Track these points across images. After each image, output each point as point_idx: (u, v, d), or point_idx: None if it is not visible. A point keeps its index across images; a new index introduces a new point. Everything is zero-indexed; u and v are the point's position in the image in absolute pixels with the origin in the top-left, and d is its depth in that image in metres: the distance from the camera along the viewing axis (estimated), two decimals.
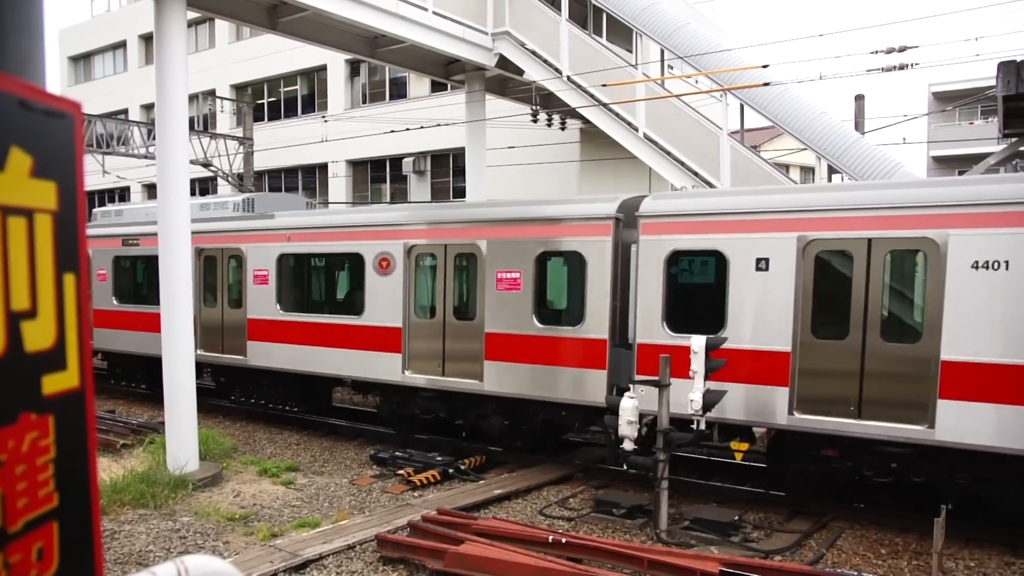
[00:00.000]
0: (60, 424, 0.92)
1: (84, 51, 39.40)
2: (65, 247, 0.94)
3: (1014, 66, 8.66)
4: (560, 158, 21.75)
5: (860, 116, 19.99)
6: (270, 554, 7.92)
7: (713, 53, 15.04)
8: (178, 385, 11.20)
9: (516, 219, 11.42)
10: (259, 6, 13.69)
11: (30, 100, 0.87)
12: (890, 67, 12.69)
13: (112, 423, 14.28)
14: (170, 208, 11.07)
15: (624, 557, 7.55)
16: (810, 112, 13.97)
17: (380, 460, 12.00)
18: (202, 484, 10.74)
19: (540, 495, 10.51)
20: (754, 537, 8.88)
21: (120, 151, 20.85)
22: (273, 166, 29.27)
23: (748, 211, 9.53)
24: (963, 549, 8.39)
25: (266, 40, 27.09)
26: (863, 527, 9.18)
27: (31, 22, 0.93)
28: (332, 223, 13.81)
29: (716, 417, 9.29)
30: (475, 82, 17.95)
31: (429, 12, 15.11)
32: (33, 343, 0.88)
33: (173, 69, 10.87)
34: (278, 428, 14.80)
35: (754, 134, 22.88)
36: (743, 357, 9.41)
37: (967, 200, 8.28)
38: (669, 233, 10.03)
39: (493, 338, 11.40)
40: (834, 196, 9.37)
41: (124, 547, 8.42)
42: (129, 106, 35.39)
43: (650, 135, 15.62)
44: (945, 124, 37.87)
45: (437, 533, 8.15)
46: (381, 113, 25.71)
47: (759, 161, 15.08)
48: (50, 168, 0.90)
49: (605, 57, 16.37)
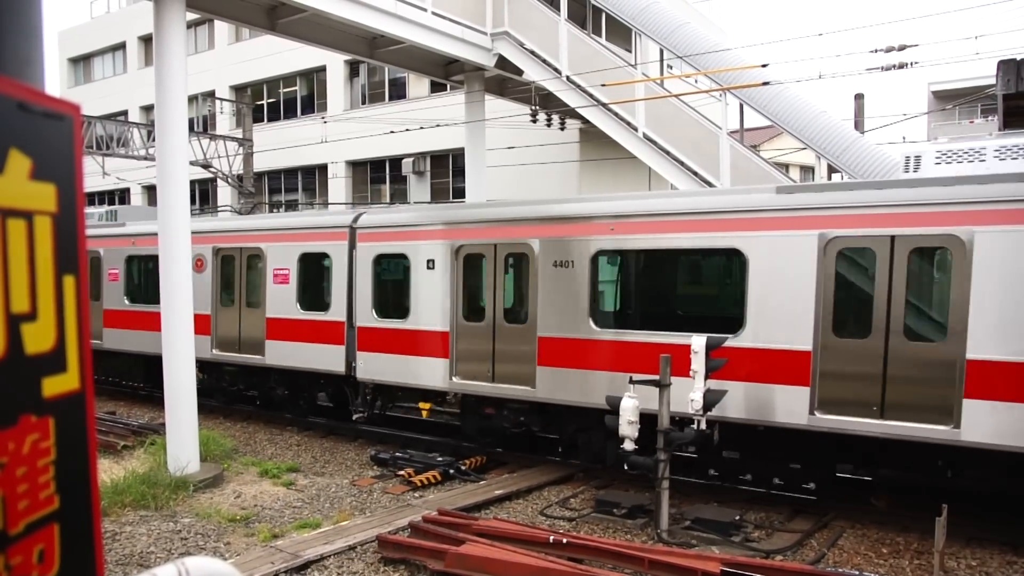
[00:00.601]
0: (60, 426, 0.92)
1: (84, 53, 39.41)
2: (65, 249, 0.94)
3: (1014, 64, 8.66)
4: (560, 158, 21.74)
5: (860, 115, 20.00)
6: (271, 555, 7.92)
7: (712, 52, 15.03)
8: (178, 386, 11.20)
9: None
10: (258, 7, 13.69)
11: (29, 102, 0.87)
12: (890, 66, 12.69)
13: (113, 424, 14.29)
14: (170, 210, 11.07)
15: (625, 557, 7.55)
16: (810, 111, 13.97)
17: (381, 461, 12.00)
18: (203, 485, 10.74)
19: (541, 495, 10.51)
20: (755, 537, 8.88)
21: (120, 153, 20.86)
22: (273, 167, 29.28)
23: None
24: (965, 548, 8.39)
25: (265, 41, 27.10)
26: (864, 526, 9.17)
27: (30, 24, 0.93)
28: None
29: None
30: (474, 82, 17.95)
31: (428, 12, 15.11)
32: (33, 345, 0.88)
33: (172, 70, 10.87)
34: (278, 429, 14.80)
35: (754, 133, 22.89)
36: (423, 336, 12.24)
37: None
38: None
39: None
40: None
41: (125, 548, 8.42)
42: (129, 108, 35.39)
43: (650, 135, 15.62)
44: (945, 123, 37.86)
45: (438, 534, 8.15)
46: (380, 114, 25.71)
47: (759, 160, 15.08)
48: (49, 170, 0.91)
49: (604, 57, 16.37)
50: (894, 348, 8.65)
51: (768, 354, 9.37)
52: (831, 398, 8.98)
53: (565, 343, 10.81)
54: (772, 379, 9.34)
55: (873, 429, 8.72)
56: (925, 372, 8.51)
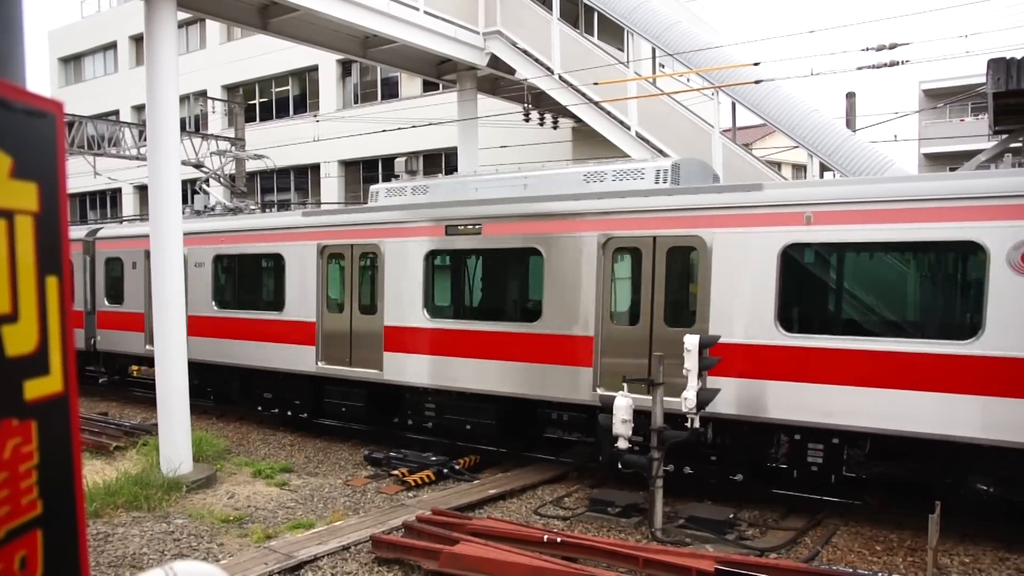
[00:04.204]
0: (43, 430, 0.90)
1: (74, 52, 39.24)
2: (47, 249, 0.92)
3: (1004, 63, 8.66)
4: (553, 157, 21.74)
5: (851, 113, 20.04)
6: (264, 556, 7.89)
7: (704, 51, 15.05)
8: (171, 387, 11.15)
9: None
10: (250, 6, 13.64)
11: (10, 99, 0.85)
12: (881, 64, 12.72)
13: (105, 425, 14.22)
14: (162, 210, 11.02)
15: (619, 556, 7.54)
16: (801, 109, 13.99)
17: (374, 460, 11.98)
18: (196, 486, 10.69)
19: (535, 494, 10.50)
20: (749, 535, 8.89)
21: (111, 152, 20.77)
22: (265, 167, 29.16)
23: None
24: (958, 545, 8.42)
25: (257, 41, 27.01)
26: (858, 524, 9.20)
27: (10, 20, 0.91)
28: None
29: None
30: (467, 81, 17.93)
31: (420, 12, 15.09)
32: (14, 347, 0.86)
33: (164, 70, 10.82)
34: (271, 429, 14.76)
35: (746, 132, 22.91)
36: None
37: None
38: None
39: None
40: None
41: (118, 550, 8.38)
42: (120, 107, 35.25)
43: (642, 133, 15.63)
44: (936, 121, 38.02)
45: (432, 533, 8.13)
46: (373, 113, 25.67)
47: (751, 159, 15.11)
48: (31, 169, 0.89)
49: (596, 56, 16.37)
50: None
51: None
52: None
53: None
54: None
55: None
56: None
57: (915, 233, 8.45)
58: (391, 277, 12.30)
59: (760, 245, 9.28)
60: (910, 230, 8.46)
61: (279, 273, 13.91)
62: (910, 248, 8.86)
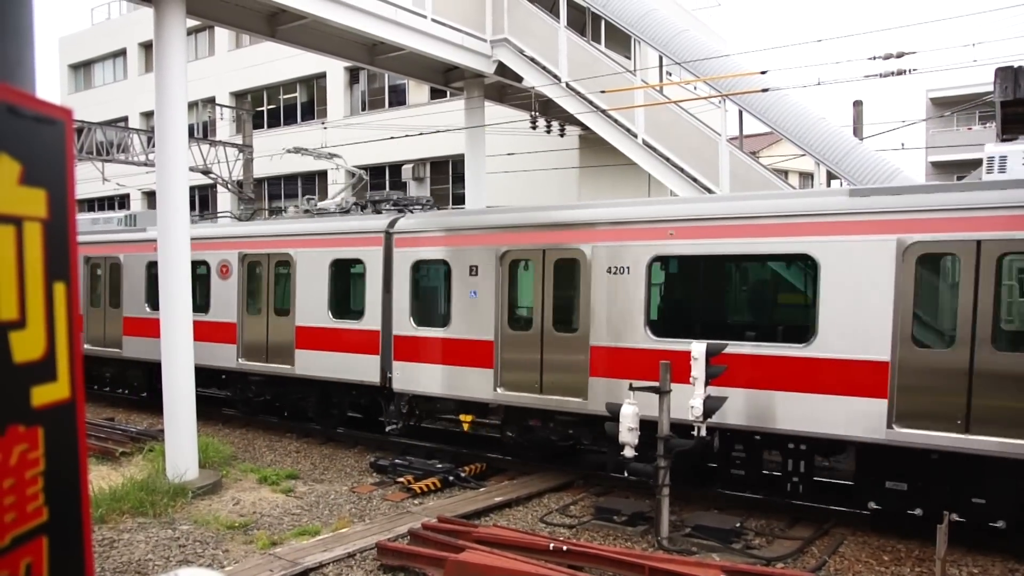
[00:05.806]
0: (50, 436, 0.90)
1: (84, 59, 39.49)
2: (56, 255, 0.92)
3: (1012, 72, 8.65)
4: (560, 165, 21.76)
5: (859, 122, 20.00)
6: (270, 562, 7.88)
7: (711, 59, 15.05)
8: (177, 393, 11.17)
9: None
10: (258, 14, 13.70)
11: (19, 106, 0.85)
12: (888, 73, 12.70)
13: (111, 431, 14.24)
14: (170, 215, 11.06)
15: (625, 564, 7.51)
16: (809, 118, 13.98)
17: (380, 467, 11.96)
18: (201, 492, 10.70)
19: (541, 502, 10.47)
20: (756, 544, 8.84)
21: (120, 159, 20.89)
22: (273, 173, 29.29)
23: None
24: (966, 555, 8.35)
25: (265, 48, 27.13)
26: (865, 534, 9.14)
27: (20, 26, 0.91)
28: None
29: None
30: (474, 89, 17.96)
31: (428, 19, 15.13)
32: (22, 353, 0.86)
33: (173, 77, 10.87)
34: (277, 436, 14.76)
35: (753, 140, 22.90)
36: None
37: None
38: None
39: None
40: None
41: (123, 556, 8.38)
42: (129, 114, 35.44)
43: (649, 141, 15.62)
44: (943, 130, 37.93)
45: (437, 541, 8.11)
46: (380, 120, 25.73)
47: (758, 167, 15.08)
48: (40, 175, 0.89)
49: (604, 63, 16.39)
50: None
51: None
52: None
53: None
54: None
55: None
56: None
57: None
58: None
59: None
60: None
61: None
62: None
